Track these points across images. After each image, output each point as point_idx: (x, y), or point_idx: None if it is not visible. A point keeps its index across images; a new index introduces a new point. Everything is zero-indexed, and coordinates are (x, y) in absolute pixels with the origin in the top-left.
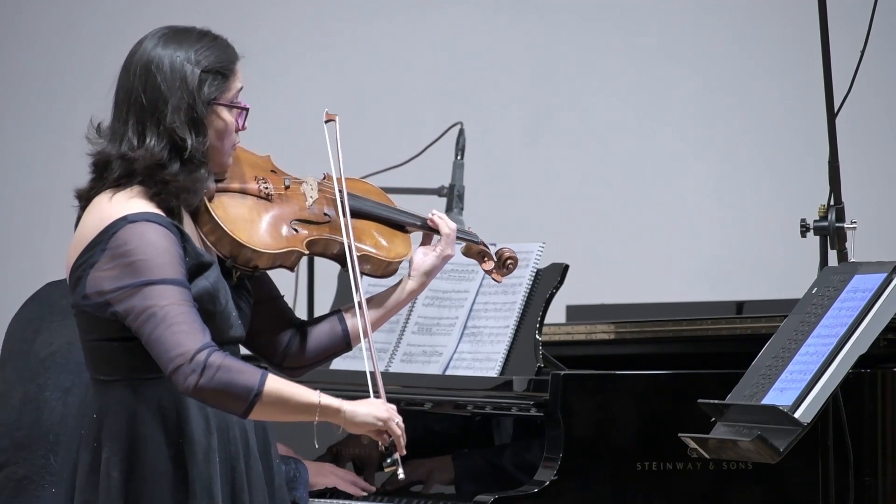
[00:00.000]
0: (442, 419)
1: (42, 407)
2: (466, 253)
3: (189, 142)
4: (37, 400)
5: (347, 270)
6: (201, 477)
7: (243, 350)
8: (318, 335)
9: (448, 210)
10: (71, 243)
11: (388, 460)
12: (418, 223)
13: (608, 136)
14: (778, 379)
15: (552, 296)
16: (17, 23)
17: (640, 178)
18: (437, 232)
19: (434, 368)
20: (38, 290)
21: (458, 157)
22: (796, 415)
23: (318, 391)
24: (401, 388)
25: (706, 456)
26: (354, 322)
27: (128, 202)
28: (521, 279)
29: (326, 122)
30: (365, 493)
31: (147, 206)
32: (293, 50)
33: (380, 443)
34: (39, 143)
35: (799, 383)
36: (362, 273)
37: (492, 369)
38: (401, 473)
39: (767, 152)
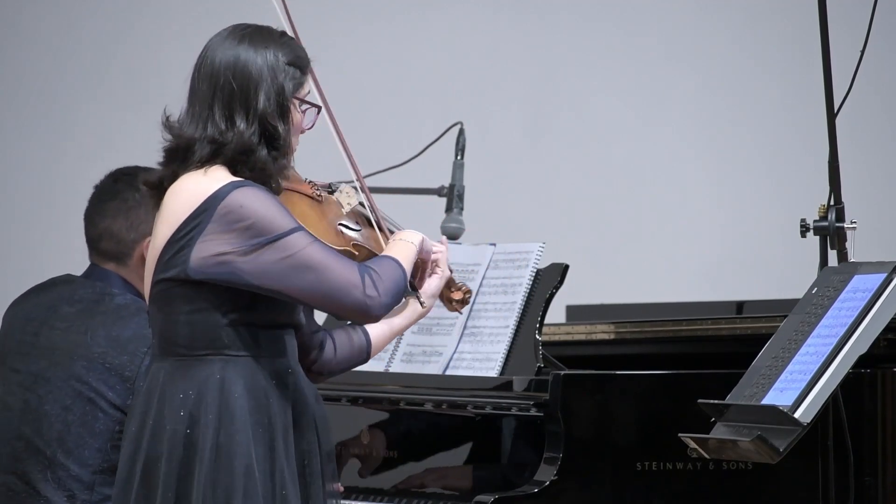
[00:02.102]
0: (442, 419)
1: (42, 420)
2: None
3: (280, 130)
4: (37, 412)
5: None
6: (282, 455)
7: None
8: (342, 344)
9: (448, 210)
10: (158, 225)
11: (409, 287)
12: None
13: (608, 136)
14: (778, 379)
15: (552, 296)
16: (17, 23)
17: (641, 178)
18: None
19: (434, 368)
20: (40, 285)
21: (458, 157)
22: (796, 415)
23: (404, 240)
24: (401, 388)
25: (706, 456)
26: (375, 334)
27: (227, 175)
28: (521, 279)
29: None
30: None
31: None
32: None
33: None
34: (39, 143)
35: (799, 383)
36: None
37: (492, 369)
38: (425, 301)
39: (767, 152)
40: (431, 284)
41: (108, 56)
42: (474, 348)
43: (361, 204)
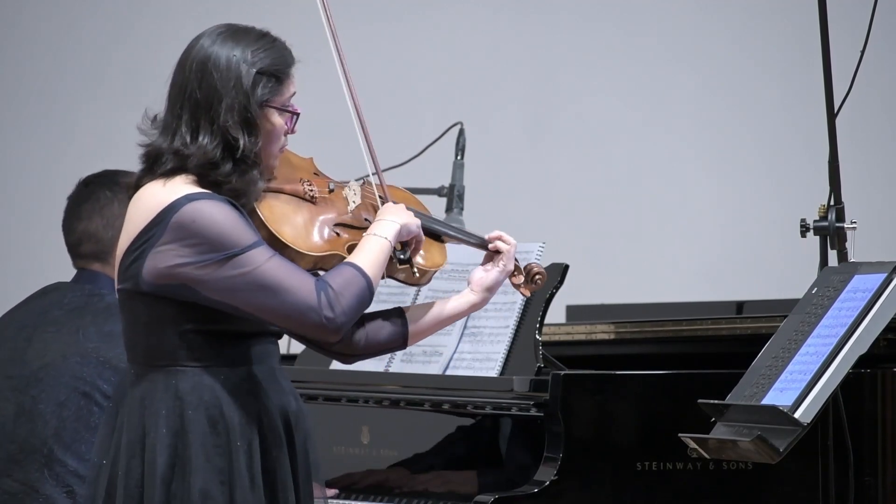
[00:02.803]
0: (442, 419)
1: (36, 419)
2: None
3: (241, 142)
4: (31, 413)
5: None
6: (242, 466)
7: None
8: (376, 329)
9: (448, 210)
10: (122, 233)
11: (402, 256)
12: (475, 241)
13: (608, 136)
14: (778, 379)
15: (552, 296)
16: (17, 23)
17: (641, 177)
18: (485, 247)
19: (434, 368)
20: (30, 295)
21: (458, 157)
22: (796, 415)
23: (377, 236)
24: (401, 388)
25: (706, 456)
26: (414, 320)
27: (185, 185)
28: None
29: None
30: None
31: (205, 191)
32: (293, 50)
33: (397, 246)
34: (39, 143)
35: (799, 383)
36: (396, 279)
37: (492, 369)
38: (416, 271)
39: (767, 152)
40: (489, 278)
41: (108, 56)
42: (474, 348)
43: (381, 197)
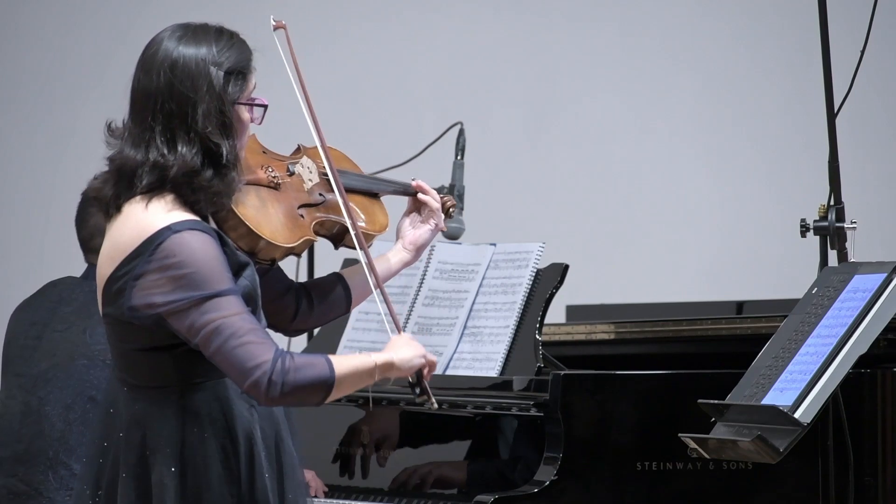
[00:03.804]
0: (442, 419)
1: (43, 421)
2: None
3: (223, 147)
4: (38, 413)
5: (341, 245)
6: (249, 472)
7: None
8: (321, 297)
9: None
10: (102, 253)
11: (418, 389)
12: (400, 189)
13: (608, 137)
14: (778, 379)
15: (552, 296)
16: (17, 23)
17: (641, 177)
18: (411, 194)
19: None
20: (41, 288)
21: (458, 157)
22: (796, 415)
23: (367, 355)
24: (401, 388)
25: (706, 456)
26: (355, 284)
27: (167, 213)
28: (521, 279)
29: (275, 29)
30: (325, 490)
31: (187, 215)
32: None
33: (408, 377)
34: (39, 143)
35: (799, 383)
36: (347, 246)
37: (492, 369)
38: (434, 403)
39: (767, 152)
40: (422, 236)
41: (108, 56)
42: (474, 348)
43: (324, 174)
